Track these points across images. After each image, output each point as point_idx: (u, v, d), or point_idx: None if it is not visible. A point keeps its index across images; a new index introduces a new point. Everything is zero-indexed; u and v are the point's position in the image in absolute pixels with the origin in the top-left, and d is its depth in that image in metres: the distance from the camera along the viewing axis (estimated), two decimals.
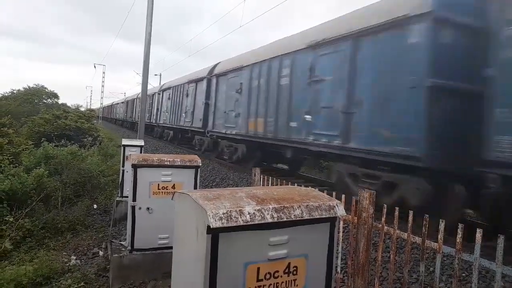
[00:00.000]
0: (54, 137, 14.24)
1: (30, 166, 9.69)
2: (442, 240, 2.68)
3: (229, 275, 1.69)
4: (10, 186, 7.62)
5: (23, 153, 12.16)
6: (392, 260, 3.07)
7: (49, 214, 7.50)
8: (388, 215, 3.21)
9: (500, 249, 2.33)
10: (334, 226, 1.99)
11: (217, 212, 1.64)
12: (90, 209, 8.45)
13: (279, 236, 1.80)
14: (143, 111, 12.70)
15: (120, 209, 7.03)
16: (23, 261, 5.74)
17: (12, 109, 28.25)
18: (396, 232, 3.02)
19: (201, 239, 1.68)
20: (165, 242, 4.44)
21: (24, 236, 6.71)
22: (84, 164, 10.00)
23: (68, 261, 5.60)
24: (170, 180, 4.42)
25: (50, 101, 48.47)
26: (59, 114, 19.58)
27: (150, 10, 11.89)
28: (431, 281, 3.80)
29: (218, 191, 1.95)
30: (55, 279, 4.95)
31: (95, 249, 6.13)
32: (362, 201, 3.10)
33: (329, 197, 2.10)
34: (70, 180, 9.04)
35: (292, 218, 1.81)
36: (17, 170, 8.63)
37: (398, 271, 4.09)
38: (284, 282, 1.85)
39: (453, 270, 3.11)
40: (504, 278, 3.70)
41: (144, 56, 11.98)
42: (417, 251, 4.43)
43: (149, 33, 11.98)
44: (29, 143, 13.92)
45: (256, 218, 1.71)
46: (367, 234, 3.07)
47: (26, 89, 48.15)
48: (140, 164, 4.30)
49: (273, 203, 1.83)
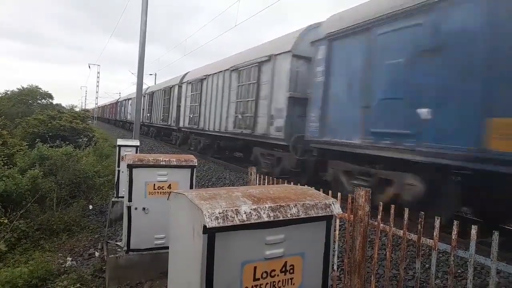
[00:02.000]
0: (49, 138, 14.14)
1: (25, 167, 9.61)
2: (438, 237, 2.70)
3: (226, 274, 1.69)
4: (4, 187, 7.55)
5: (17, 154, 12.06)
6: (388, 257, 3.09)
7: (44, 215, 7.45)
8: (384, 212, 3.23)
9: (495, 245, 2.35)
10: (331, 224, 2.00)
11: (213, 211, 1.64)
12: (85, 210, 8.41)
13: (276, 235, 1.80)
14: (138, 111, 12.67)
15: (116, 210, 7.01)
16: (18, 262, 5.70)
17: (6, 110, 27.99)
18: (392, 230, 3.03)
19: (197, 239, 1.67)
20: (162, 242, 4.43)
21: (19, 237, 6.66)
22: (79, 165, 9.94)
23: (63, 262, 5.57)
24: (166, 180, 4.41)
25: (44, 101, 48.05)
26: (53, 115, 19.42)
27: (144, 8, 11.82)
28: (427, 278, 3.82)
29: (214, 190, 1.95)
30: (50, 280, 4.91)
31: (91, 250, 6.11)
32: (358, 199, 3.10)
33: (325, 195, 2.10)
34: (65, 181, 8.98)
35: (289, 217, 1.82)
36: (12, 171, 8.56)
37: (394, 268, 4.11)
38: (281, 280, 1.85)
39: (448, 267, 3.13)
40: (499, 273, 3.73)
41: (139, 57, 11.93)
42: (413, 248, 4.45)
43: (143, 32, 11.92)
44: (23, 144, 13.80)
45: (253, 218, 1.71)
46: (363, 232, 3.08)
47: (20, 90, 47.72)
48: (135, 164, 4.28)
49: (269, 202, 1.83)
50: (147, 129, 27.22)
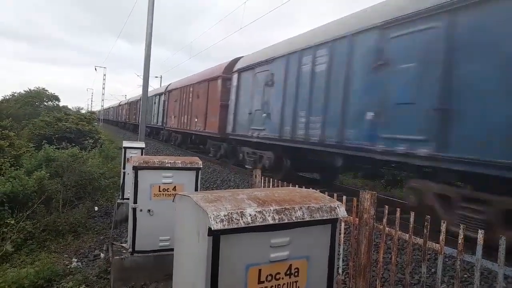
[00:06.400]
0: (55, 140, 14.25)
1: (31, 168, 9.70)
2: (444, 241, 2.68)
3: (231, 277, 1.69)
4: (11, 188, 7.63)
5: (24, 155, 12.18)
6: (394, 261, 3.07)
7: (50, 216, 7.51)
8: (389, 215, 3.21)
9: (502, 250, 2.32)
10: (336, 228, 1.99)
11: (218, 214, 1.64)
12: (91, 212, 8.46)
13: (281, 238, 1.80)
14: (143, 113, 12.74)
15: (121, 211, 7.03)
16: (24, 263, 5.75)
17: (13, 112, 28.31)
18: (398, 233, 3.02)
19: (202, 241, 1.67)
20: (166, 244, 4.43)
21: (25, 238, 6.72)
22: (85, 167, 10.00)
23: (69, 263, 5.61)
24: (171, 182, 4.41)
25: (51, 103, 48.52)
26: (60, 117, 19.60)
27: (151, 10, 11.89)
28: (433, 283, 3.79)
29: (219, 193, 1.95)
30: (56, 281, 4.95)
31: (96, 251, 6.14)
32: (363, 202, 3.09)
33: (330, 198, 2.09)
34: (71, 182, 9.04)
35: (293, 220, 1.81)
36: (18, 172, 8.64)
37: (400, 273, 4.08)
38: (286, 283, 1.85)
39: (455, 271, 3.10)
40: (507, 279, 3.69)
41: (144, 59, 11.99)
42: (419, 252, 4.42)
43: (149, 34, 11.97)
44: (30, 146, 13.94)
45: (257, 220, 1.71)
46: (368, 236, 3.07)
47: (27, 92, 48.23)
48: (141, 166, 4.30)
49: (274, 205, 1.83)
50: (167, 134, 21.22)
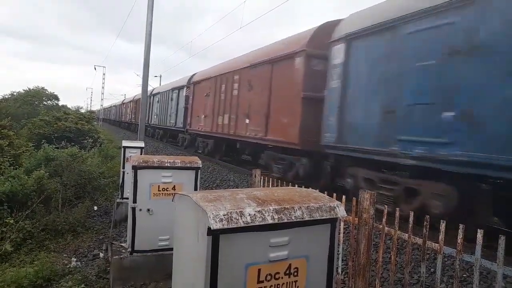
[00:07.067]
0: (54, 139, 14.23)
1: (31, 168, 9.69)
2: (443, 241, 2.68)
3: (230, 276, 1.69)
4: (10, 188, 7.62)
5: (23, 155, 12.17)
6: (393, 261, 3.07)
7: (50, 216, 7.50)
8: (389, 216, 3.21)
9: (501, 250, 2.32)
10: (335, 227, 1.99)
11: (218, 213, 1.64)
12: (90, 211, 8.45)
13: (280, 237, 1.80)
14: (143, 112, 12.71)
15: (121, 211, 7.03)
16: (23, 263, 5.74)
17: (12, 111, 28.25)
18: (397, 233, 3.02)
19: (201, 241, 1.67)
20: (166, 244, 4.43)
21: (24, 238, 6.71)
22: (85, 166, 10.00)
23: (68, 263, 5.60)
24: (171, 182, 4.41)
25: (50, 103, 48.42)
26: (59, 116, 19.58)
27: (150, 9, 11.87)
28: (432, 282, 3.79)
29: (219, 192, 1.95)
30: (55, 281, 4.95)
31: (96, 250, 6.14)
32: (363, 202, 3.09)
33: (329, 198, 2.09)
34: (71, 181, 9.04)
35: (293, 219, 1.81)
36: (18, 172, 8.63)
37: (399, 272, 4.08)
38: (285, 283, 1.85)
39: (454, 271, 3.10)
40: (506, 279, 3.69)
41: (144, 58, 11.98)
42: (418, 252, 4.42)
43: (149, 33, 11.96)
44: (29, 145, 13.92)
45: (257, 220, 1.71)
46: (367, 235, 3.07)
47: (26, 91, 48.13)
48: (140, 165, 4.29)
49: (274, 204, 1.82)
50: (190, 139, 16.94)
